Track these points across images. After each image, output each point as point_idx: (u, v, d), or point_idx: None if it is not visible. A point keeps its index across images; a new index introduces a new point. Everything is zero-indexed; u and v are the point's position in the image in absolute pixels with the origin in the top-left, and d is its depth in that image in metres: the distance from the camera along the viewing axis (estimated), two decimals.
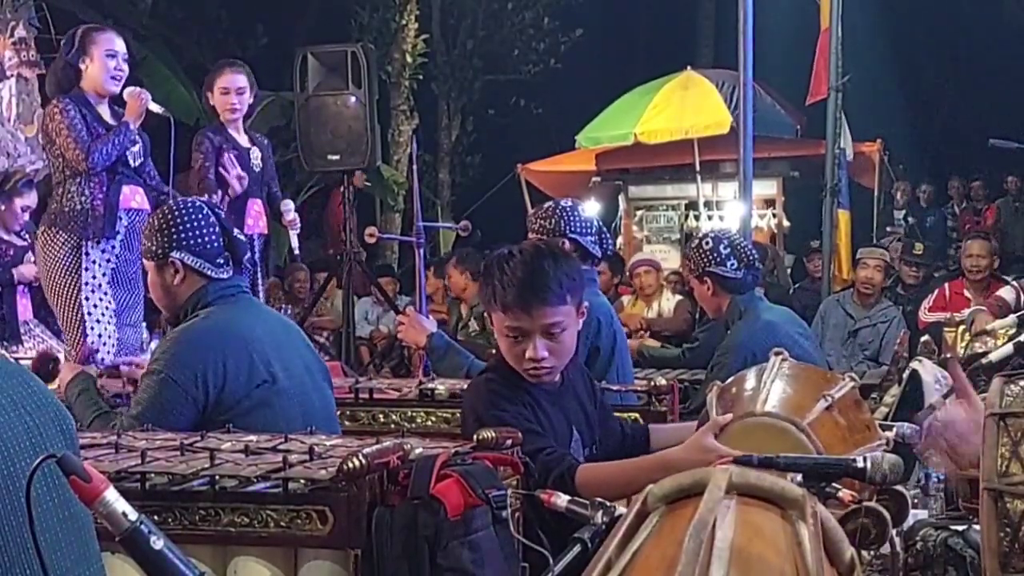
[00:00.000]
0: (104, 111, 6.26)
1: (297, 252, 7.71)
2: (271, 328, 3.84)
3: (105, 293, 6.18)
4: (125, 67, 6.27)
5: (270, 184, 7.34)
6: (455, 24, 17.86)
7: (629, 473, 3.19)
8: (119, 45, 6.26)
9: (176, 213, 3.78)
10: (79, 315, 6.12)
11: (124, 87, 6.31)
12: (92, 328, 6.11)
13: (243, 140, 7.10)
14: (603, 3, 18.83)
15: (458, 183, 18.14)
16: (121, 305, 6.25)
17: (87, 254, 6.13)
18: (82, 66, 6.17)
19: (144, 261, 3.86)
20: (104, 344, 6.12)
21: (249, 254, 4.06)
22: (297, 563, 2.64)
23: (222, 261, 3.76)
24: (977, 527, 2.97)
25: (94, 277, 6.14)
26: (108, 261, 6.19)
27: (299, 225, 7.42)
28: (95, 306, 6.14)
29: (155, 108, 6.37)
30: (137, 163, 6.33)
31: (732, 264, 5.44)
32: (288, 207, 7.39)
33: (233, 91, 7.01)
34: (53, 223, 6.19)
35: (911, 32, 18.85)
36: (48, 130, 6.18)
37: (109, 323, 6.17)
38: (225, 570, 2.68)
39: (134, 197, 6.31)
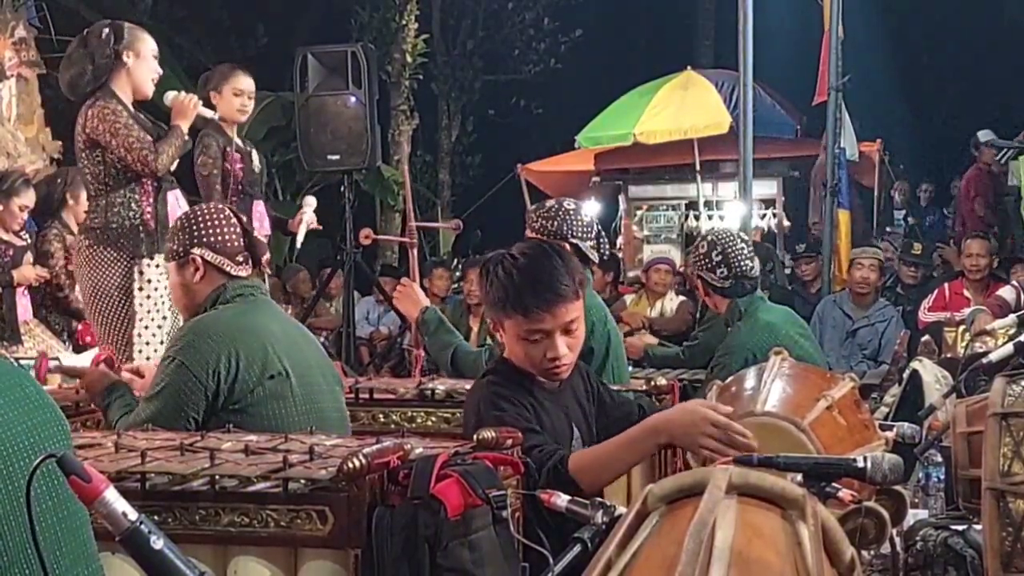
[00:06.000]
0: (140, 115, 5.89)
1: (297, 248, 7.45)
2: (287, 328, 3.92)
3: (165, 317, 5.72)
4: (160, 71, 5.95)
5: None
6: (455, 24, 17.88)
7: (622, 447, 3.20)
8: (157, 49, 5.95)
9: (198, 213, 3.90)
10: (125, 338, 5.68)
11: None
12: (139, 352, 5.66)
13: (240, 143, 7.06)
14: (603, 3, 18.85)
15: (458, 183, 18.15)
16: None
17: (141, 273, 5.69)
18: (128, 60, 5.75)
19: (166, 264, 3.92)
20: (149, 362, 5.47)
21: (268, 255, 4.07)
22: (297, 563, 2.64)
23: (241, 259, 3.84)
24: (977, 527, 2.97)
25: (148, 297, 5.70)
26: (163, 275, 5.56)
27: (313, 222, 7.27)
28: (146, 328, 5.71)
29: (207, 113, 6.10)
30: (174, 167, 5.95)
31: (721, 272, 5.51)
32: (310, 203, 7.30)
33: (245, 94, 6.95)
34: (99, 240, 5.70)
35: (912, 32, 18.87)
36: (97, 132, 5.66)
37: (161, 343, 5.64)
38: (225, 570, 2.68)
39: (179, 204, 5.86)
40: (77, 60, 5.84)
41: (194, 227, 3.82)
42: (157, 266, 5.71)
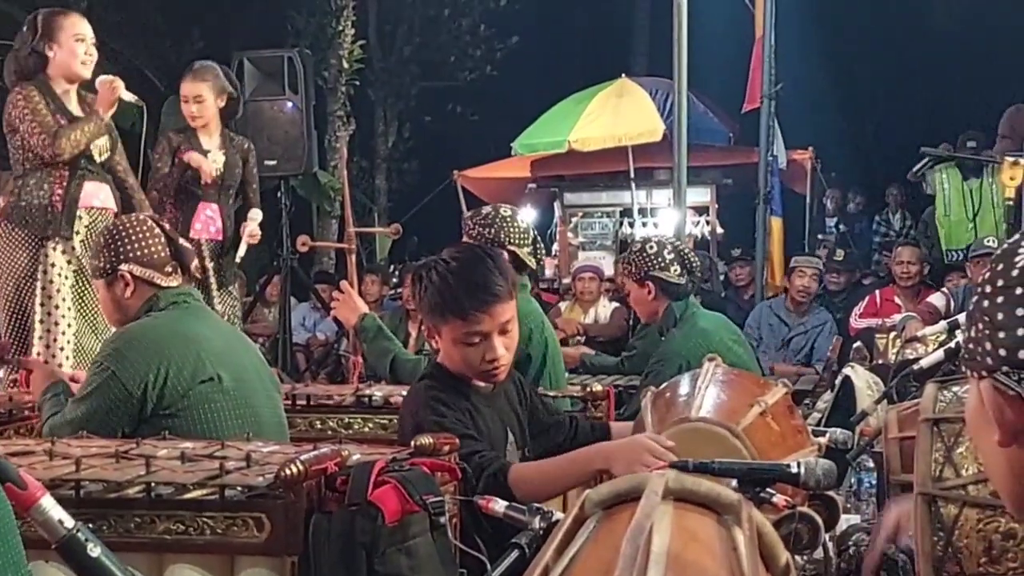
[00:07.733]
0: (71, 102, 5.97)
1: (238, 261, 7.25)
2: (222, 333, 3.92)
3: (64, 299, 5.80)
4: (94, 52, 5.99)
5: (246, 191, 7.24)
6: (392, 30, 17.84)
7: (562, 466, 3.23)
8: (86, 28, 5.97)
9: (121, 228, 3.88)
10: (28, 320, 5.78)
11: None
12: (40, 338, 5.75)
13: (209, 143, 6.98)
14: (538, 11, 18.89)
15: (394, 189, 18.11)
16: (84, 310, 5.88)
17: (46, 256, 5.80)
18: (49, 53, 5.87)
19: (94, 281, 3.90)
20: (48, 350, 5.74)
21: (196, 261, 4.06)
22: (234, 570, 2.62)
23: (170, 269, 3.85)
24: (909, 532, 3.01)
25: (52, 282, 5.78)
26: (69, 263, 5.83)
27: (257, 238, 7.18)
28: (49, 314, 5.77)
29: (128, 97, 6.07)
30: (103, 158, 6.03)
31: (676, 270, 5.55)
32: (254, 216, 7.19)
33: (191, 99, 6.95)
34: (10, 218, 5.84)
35: (844, 41, 19.02)
36: (11, 118, 5.84)
37: (63, 333, 5.78)
38: None
39: (97, 195, 5.98)
40: (9, 60, 6.02)
41: (119, 243, 3.82)
42: (63, 252, 5.83)
